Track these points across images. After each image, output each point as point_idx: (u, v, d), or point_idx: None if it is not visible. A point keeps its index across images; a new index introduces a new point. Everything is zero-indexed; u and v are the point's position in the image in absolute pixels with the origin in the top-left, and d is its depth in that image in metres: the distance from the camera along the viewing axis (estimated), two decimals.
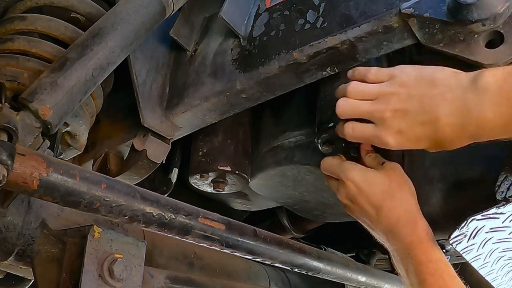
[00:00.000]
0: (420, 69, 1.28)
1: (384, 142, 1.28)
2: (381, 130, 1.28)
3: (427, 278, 1.32)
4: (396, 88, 1.27)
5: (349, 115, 1.35)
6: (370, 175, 1.42)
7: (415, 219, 1.38)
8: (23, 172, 1.03)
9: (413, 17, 1.29)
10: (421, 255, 1.33)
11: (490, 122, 1.13)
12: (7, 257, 1.32)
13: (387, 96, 1.28)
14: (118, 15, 1.42)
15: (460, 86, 1.17)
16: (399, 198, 1.39)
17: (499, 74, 1.13)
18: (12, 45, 1.40)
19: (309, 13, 1.52)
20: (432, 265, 1.32)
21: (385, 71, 1.33)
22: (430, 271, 1.32)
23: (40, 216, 1.35)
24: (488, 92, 1.12)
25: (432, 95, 1.20)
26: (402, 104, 1.24)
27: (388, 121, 1.26)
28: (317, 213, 2.13)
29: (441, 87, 1.20)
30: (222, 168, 1.86)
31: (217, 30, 1.76)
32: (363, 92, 1.33)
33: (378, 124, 1.29)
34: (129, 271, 1.29)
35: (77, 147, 1.61)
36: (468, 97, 1.15)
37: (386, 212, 1.38)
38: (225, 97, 1.63)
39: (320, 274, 1.81)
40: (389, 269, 2.45)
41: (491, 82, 1.12)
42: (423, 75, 1.25)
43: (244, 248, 1.49)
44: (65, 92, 1.26)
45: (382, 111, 1.27)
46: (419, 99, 1.22)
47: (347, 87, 1.36)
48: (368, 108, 1.30)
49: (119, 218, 1.21)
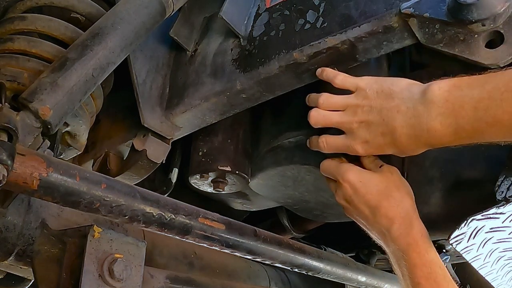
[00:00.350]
0: (381, 82, 1.36)
1: (354, 151, 1.40)
2: (350, 140, 1.39)
3: (421, 282, 1.32)
4: (360, 101, 1.37)
5: (322, 124, 1.45)
6: (366, 176, 1.43)
7: (410, 220, 1.38)
8: (23, 172, 1.03)
9: (413, 17, 1.29)
10: (415, 258, 1.34)
11: (439, 132, 1.21)
12: (7, 257, 1.32)
13: (353, 108, 1.38)
14: (118, 15, 1.42)
15: (412, 98, 1.26)
16: (396, 199, 1.40)
17: (445, 87, 1.21)
18: (12, 45, 1.40)
19: (309, 13, 1.52)
20: (426, 268, 1.33)
21: (351, 81, 1.42)
22: (424, 274, 1.32)
23: (40, 216, 1.35)
24: (435, 104, 1.21)
25: (389, 107, 1.30)
26: (365, 116, 1.35)
27: (355, 132, 1.37)
28: (317, 213, 2.13)
29: (396, 100, 1.29)
30: (222, 168, 1.85)
31: (217, 30, 1.76)
32: (333, 104, 1.43)
33: (347, 134, 1.40)
34: (129, 271, 1.29)
35: (77, 147, 1.61)
36: (418, 109, 1.24)
37: (383, 212, 1.39)
38: (225, 97, 1.63)
39: (320, 274, 1.81)
40: (389, 269, 2.45)
41: (437, 94, 1.21)
42: (383, 88, 1.34)
43: (244, 248, 1.49)
44: (65, 92, 1.26)
45: (350, 122, 1.38)
46: (378, 111, 1.32)
47: (318, 99, 1.46)
48: (338, 119, 1.41)
49: (119, 218, 1.21)
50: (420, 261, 1.33)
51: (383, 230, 1.41)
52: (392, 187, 1.41)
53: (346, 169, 1.45)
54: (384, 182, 1.41)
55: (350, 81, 1.42)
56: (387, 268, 2.54)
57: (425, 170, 1.58)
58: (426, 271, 1.32)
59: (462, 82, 1.19)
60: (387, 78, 1.39)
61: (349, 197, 1.45)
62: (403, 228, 1.37)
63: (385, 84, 1.35)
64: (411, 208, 1.40)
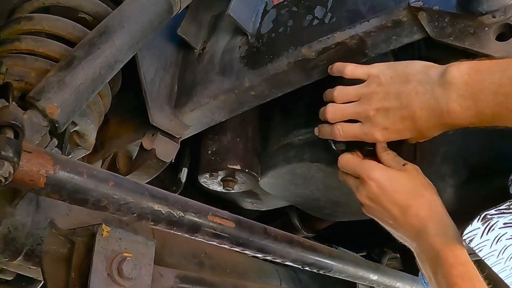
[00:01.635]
0: (394, 66, 1.37)
1: (373, 138, 1.39)
2: (368, 127, 1.38)
3: (457, 282, 1.29)
4: (374, 88, 1.36)
5: (339, 118, 1.45)
6: (393, 175, 1.41)
7: (444, 220, 1.37)
8: (29, 169, 1.03)
9: (422, 11, 1.28)
10: (451, 258, 1.32)
11: (458, 114, 1.21)
12: (16, 257, 1.31)
13: (368, 95, 1.37)
14: (125, 13, 1.42)
15: (429, 80, 1.26)
16: (427, 198, 1.38)
17: (465, 69, 1.20)
18: (20, 45, 1.40)
19: (317, 9, 1.51)
20: (463, 268, 1.30)
21: (361, 69, 1.42)
22: (460, 274, 1.29)
23: (48, 216, 1.35)
24: (454, 86, 1.20)
25: (407, 91, 1.30)
26: (382, 102, 1.34)
27: (373, 119, 1.36)
28: (328, 212, 2.12)
29: (413, 83, 1.29)
30: (232, 166, 1.85)
31: (225, 27, 1.76)
32: (348, 95, 1.43)
33: (365, 122, 1.39)
34: (139, 270, 1.29)
35: (85, 146, 1.60)
36: (437, 91, 1.24)
37: (414, 212, 1.37)
38: (234, 95, 1.62)
39: (332, 272, 1.80)
40: (400, 268, 2.44)
41: (457, 76, 1.20)
42: (398, 72, 1.34)
43: (255, 246, 1.48)
44: (73, 90, 1.26)
45: (366, 110, 1.37)
46: (396, 96, 1.32)
47: (333, 93, 1.46)
48: (354, 109, 1.41)
49: (128, 216, 1.21)
50: (456, 261, 1.31)
51: (414, 230, 1.38)
52: (420, 187, 1.40)
53: (371, 166, 1.43)
54: (412, 181, 1.40)
55: (360, 70, 1.42)
56: (398, 267, 2.53)
57: (436, 167, 1.57)
58: (462, 270, 1.30)
59: (482, 65, 1.18)
60: (400, 62, 1.38)
61: (375, 195, 1.42)
62: (438, 228, 1.35)
63: (398, 68, 1.35)
64: (442, 207, 1.38)
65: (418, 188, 1.39)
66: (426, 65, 1.31)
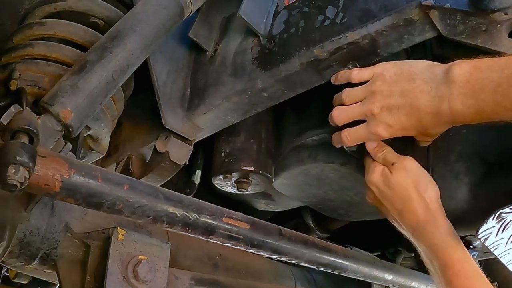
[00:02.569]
0: (399, 65, 1.39)
1: (379, 136, 1.41)
2: (373, 126, 1.40)
3: (452, 280, 1.32)
4: (379, 86, 1.38)
5: (345, 121, 1.47)
6: (387, 178, 1.45)
7: (435, 219, 1.39)
8: (44, 174, 1.03)
9: (434, 9, 1.27)
10: (445, 257, 1.35)
11: (461, 111, 1.23)
12: (31, 261, 1.32)
13: (372, 94, 1.39)
14: (137, 17, 1.42)
15: (434, 78, 1.29)
16: (417, 200, 1.41)
17: (466, 67, 1.22)
18: (32, 51, 1.41)
19: (328, 9, 1.50)
20: (456, 266, 1.33)
21: (367, 70, 1.44)
22: (454, 272, 1.32)
23: (63, 220, 1.35)
24: (456, 84, 1.23)
25: (411, 88, 1.32)
26: (386, 100, 1.36)
27: (377, 117, 1.38)
28: (342, 212, 2.12)
29: (418, 81, 1.31)
30: (245, 168, 1.85)
31: (236, 29, 1.76)
32: (355, 95, 1.44)
33: (370, 121, 1.41)
34: (154, 273, 1.29)
35: (99, 150, 1.61)
36: (441, 88, 1.26)
37: (407, 216, 1.42)
38: (247, 96, 1.62)
39: (346, 272, 1.79)
40: (415, 268, 2.43)
41: (458, 74, 1.23)
42: (402, 70, 1.36)
43: (269, 247, 1.48)
44: (86, 94, 1.26)
45: (371, 109, 1.39)
46: (400, 93, 1.34)
47: (341, 95, 1.48)
48: (359, 110, 1.43)
49: (143, 219, 1.21)
50: (450, 260, 1.34)
51: (410, 232, 1.44)
52: (410, 188, 1.42)
53: (370, 171, 1.49)
54: (403, 182, 1.43)
55: (366, 72, 1.43)
56: (413, 266, 2.52)
57: (451, 165, 1.56)
58: (456, 269, 1.32)
59: (482, 64, 1.20)
60: (405, 61, 1.40)
61: (378, 200, 1.49)
62: (429, 228, 1.38)
63: (404, 66, 1.37)
64: (434, 206, 1.41)
65: (409, 190, 1.42)
66: (431, 64, 1.33)
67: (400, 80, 1.34)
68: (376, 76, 1.40)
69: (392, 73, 1.37)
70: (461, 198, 1.52)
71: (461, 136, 1.50)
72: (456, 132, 1.41)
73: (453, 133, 1.40)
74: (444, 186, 1.45)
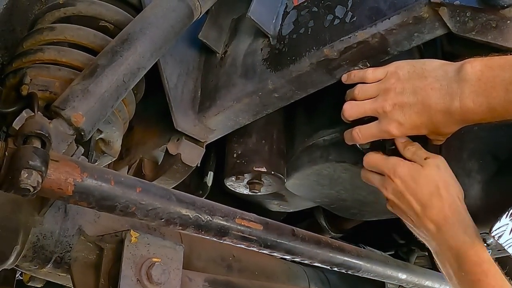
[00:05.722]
0: (412, 63, 1.39)
1: (389, 134, 1.40)
2: (384, 124, 1.40)
3: (482, 279, 1.30)
4: (391, 84, 1.38)
5: (356, 116, 1.47)
6: (416, 172, 1.42)
7: (465, 220, 1.37)
8: (57, 178, 1.04)
9: (443, 6, 1.27)
10: (474, 256, 1.33)
11: (471, 110, 1.23)
12: (45, 265, 1.32)
13: (385, 91, 1.39)
14: (146, 20, 1.43)
15: (446, 77, 1.29)
16: (447, 197, 1.38)
17: (477, 66, 1.23)
18: (43, 55, 1.42)
19: (337, 8, 1.50)
20: (485, 265, 1.32)
21: (381, 69, 1.44)
22: (484, 271, 1.31)
23: (77, 223, 1.36)
24: (468, 82, 1.23)
25: (422, 86, 1.32)
26: (398, 97, 1.36)
27: (389, 115, 1.38)
28: (355, 212, 2.11)
29: (430, 78, 1.32)
30: (258, 169, 1.85)
31: (245, 30, 1.76)
32: (367, 91, 1.44)
33: (381, 118, 1.41)
34: (167, 275, 1.30)
35: (111, 153, 1.61)
36: (452, 86, 1.26)
37: (435, 211, 1.38)
38: (257, 97, 1.62)
39: (360, 272, 1.79)
40: (429, 267, 2.42)
41: (469, 72, 1.23)
42: (415, 68, 1.36)
43: (283, 248, 1.48)
44: (97, 98, 1.27)
45: (383, 106, 1.39)
46: (412, 91, 1.34)
47: (354, 91, 1.47)
48: (370, 106, 1.42)
49: (156, 222, 1.21)
50: (479, 259, 1.32)
51: (434, 229, 1.40)
52: (441, 184, 1.39)
53: (396, 164, 1.45)
54: (434, 178, 1.40)
55: (380, 70, 1.44)
56: (427, 265, 2.51)
57: (463, 163, 1.55)
58: (485, 267, 1.31)
59: (494, 62, 1.20)
60: (419, 60, 1.41)
61: (400, 193, 1.44)
62: (458, 227, 1.36)
63: (417, 64, 1.37)
64: (462, 206, 1.39)
65: (439, 186, 1.39)
66: (444, 62, 1.33)
67: (413, 77, 1.34)
68: (390, 74, 1.40)
69: (405, 71, 1.37)
70: (474, 196, 1.51)
71: (473, 134, 1.50)
72: (469, 130, 1.40)
73: (465, 131, 1.39)
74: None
